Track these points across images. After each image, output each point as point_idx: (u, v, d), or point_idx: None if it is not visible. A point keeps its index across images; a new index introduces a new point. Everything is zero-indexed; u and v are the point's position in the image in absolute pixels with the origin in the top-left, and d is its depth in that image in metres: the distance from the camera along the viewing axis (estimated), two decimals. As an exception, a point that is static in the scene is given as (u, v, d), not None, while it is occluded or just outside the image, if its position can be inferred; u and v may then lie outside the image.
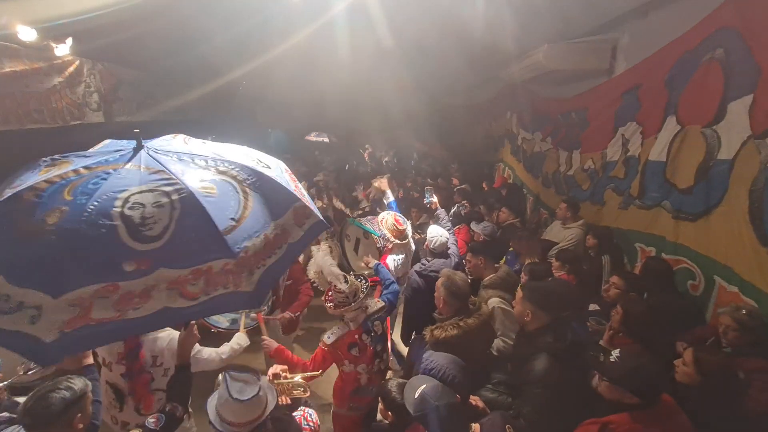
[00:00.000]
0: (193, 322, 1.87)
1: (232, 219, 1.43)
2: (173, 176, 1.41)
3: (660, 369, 1.74)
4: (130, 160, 1.46)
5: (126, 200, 1.32)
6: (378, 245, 4.05)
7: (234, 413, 1.61)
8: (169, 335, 2.36)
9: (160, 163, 1.46)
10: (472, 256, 3.49)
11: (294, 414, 1.87)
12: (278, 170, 1.77)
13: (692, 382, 1.91)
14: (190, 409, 2.30)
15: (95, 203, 1.29)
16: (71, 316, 1.23)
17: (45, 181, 1.32)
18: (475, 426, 1.77)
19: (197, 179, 1.45)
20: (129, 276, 1.28)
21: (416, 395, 1.76)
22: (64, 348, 1.26)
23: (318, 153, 12.47)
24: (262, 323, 2.91)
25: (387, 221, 3.82)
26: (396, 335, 4.10)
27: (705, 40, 3.01)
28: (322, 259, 2.81)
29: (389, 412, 2.02)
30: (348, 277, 2.63)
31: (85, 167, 1.40)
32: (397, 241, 3.76)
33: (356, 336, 2.54)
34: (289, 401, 2.04)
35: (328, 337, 2.54)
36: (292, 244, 1.61)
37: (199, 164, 1.54)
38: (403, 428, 1.98)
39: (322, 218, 1.80)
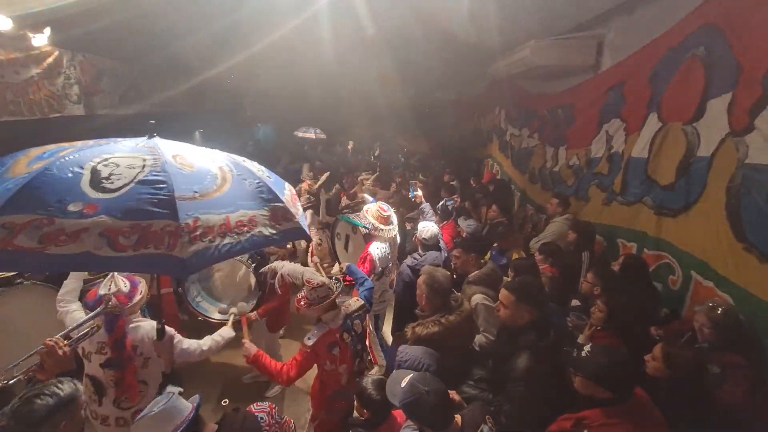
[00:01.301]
0: (170, 330, 1.87)
1: (195, 192, 1.49)
2: (158, 151, 1.58)
3: (631, 363, 1.75)
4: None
5: (105, 159, 1.49)
6: (364, 233, 4.03)
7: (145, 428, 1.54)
8: (149, 324, 2.33)
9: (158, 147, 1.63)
10: (462, 252, 3.43)
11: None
12: (278, 184, 1.86)
13: (663, 375, 1.93)
14: None
15: (77, 155, 1.50)
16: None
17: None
18: (457, 417, 1.77)
19: (178, 156, 1.61)
20: (68, 215, 1.33)
21: (403, 384, 1.77)
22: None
23: (307, 147, 12.35)
24: (245, 323, 2.89)
25: (371, 210, 3.80)
26: (387, 329, 4.10)
27: (688, 37, 3.03)
28: (291, 267, 2.80)
29: (365, 410, 2.01)
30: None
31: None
32: (383, 227, 3.75)
33: (336, 335, 2.49)
34: None
35: (308, 339, 2.47)
36: (255, 237, 1.60)
37: (195, 152, 1.72)
38: (378, 425, 1.98)
39: (303, 227, 1.81)
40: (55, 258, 1.29)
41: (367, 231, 4.00)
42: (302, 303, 2.52)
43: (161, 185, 1.44)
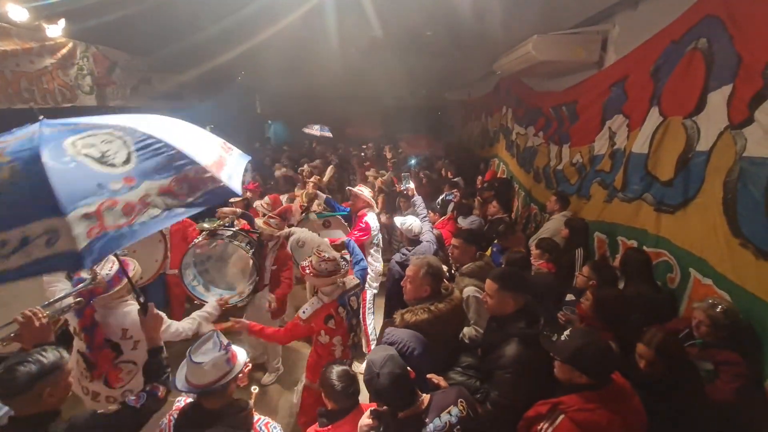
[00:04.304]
0: (151, 304, 1.89)
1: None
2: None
3: (608, 347, 1.72)
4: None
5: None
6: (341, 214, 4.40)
7: (191, 373, 1.66)
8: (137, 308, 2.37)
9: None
10: (463, 242, 3.29)
11: (258, 419, 1.78)
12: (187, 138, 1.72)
13: (657, 370, 1.89)
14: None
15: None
16: (91, 227, 1.32)
17: None
18: (425, 396, 1.76)
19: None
20: (121, 192, 1.40)
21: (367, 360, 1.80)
22: (98, 250, 1.33)
23: (316, 144, 12.44)
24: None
25: (361, 191, 4.11)
26: (378, 322, 4.11)
27: (691, 29, 2.97)
28: (309, 235, 2.91)
29: (327, 399, 2.02)
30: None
31: None
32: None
33: (332, 309, 2.60)
34: None
35: (303, 312, 2.59)
36: (170, 211, 1.51)
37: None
38: (341, 416, 1.96)
39: (226, 184, 1.64)
40: (145, 225, 1.42)
41: (345, 215, 4.36)
42: (307, 271, 2.63)
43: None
